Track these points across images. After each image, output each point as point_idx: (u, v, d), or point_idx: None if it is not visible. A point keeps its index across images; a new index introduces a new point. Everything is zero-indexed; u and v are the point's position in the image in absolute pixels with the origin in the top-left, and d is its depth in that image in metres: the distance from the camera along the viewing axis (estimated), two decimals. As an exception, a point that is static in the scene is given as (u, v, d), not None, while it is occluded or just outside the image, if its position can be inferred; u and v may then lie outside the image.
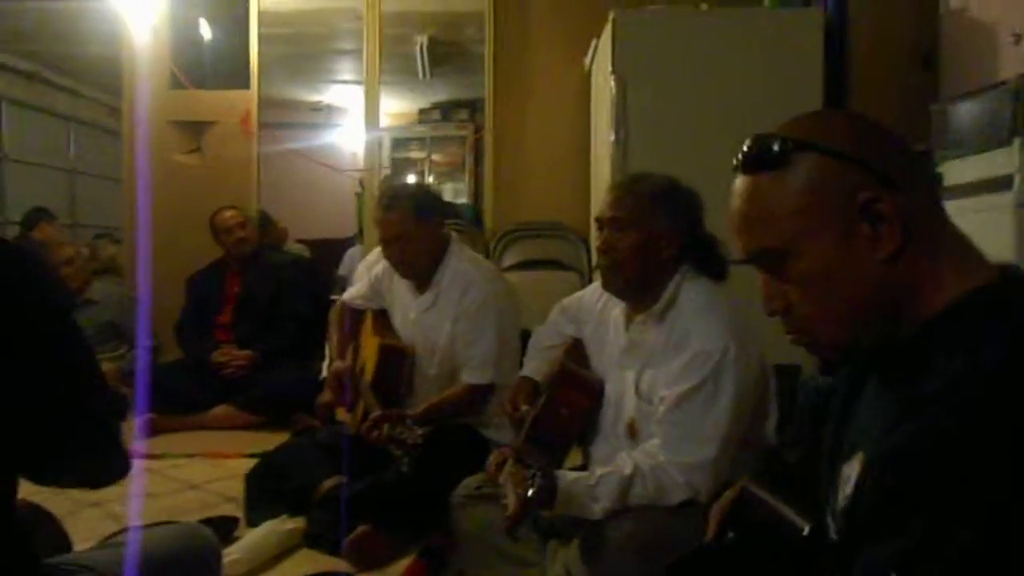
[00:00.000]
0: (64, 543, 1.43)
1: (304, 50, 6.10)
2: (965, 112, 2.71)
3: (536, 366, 2.06)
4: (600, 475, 1.64)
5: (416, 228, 2.42)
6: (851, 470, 0.87)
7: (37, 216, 5.14)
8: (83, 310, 4.07)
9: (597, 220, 1.82)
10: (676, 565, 1.08)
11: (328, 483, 2.41)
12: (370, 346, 2.60)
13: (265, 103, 4.90)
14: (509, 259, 4.38)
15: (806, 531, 1.00)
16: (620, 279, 1.76)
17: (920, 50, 3.19)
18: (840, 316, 0.87)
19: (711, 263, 1.76)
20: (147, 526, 1.44)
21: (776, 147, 0.87)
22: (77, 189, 7.21)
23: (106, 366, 3.87)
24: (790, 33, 3.28)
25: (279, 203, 5.99)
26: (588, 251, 4.30)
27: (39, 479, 1.12)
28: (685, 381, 1.63)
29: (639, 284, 1.75)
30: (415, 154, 8.61)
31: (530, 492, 1.43)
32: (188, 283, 4.12)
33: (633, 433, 1.75)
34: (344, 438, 2.52)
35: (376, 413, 2.22)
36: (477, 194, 7.42)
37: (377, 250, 2.92)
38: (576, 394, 1.86)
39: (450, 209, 4.71)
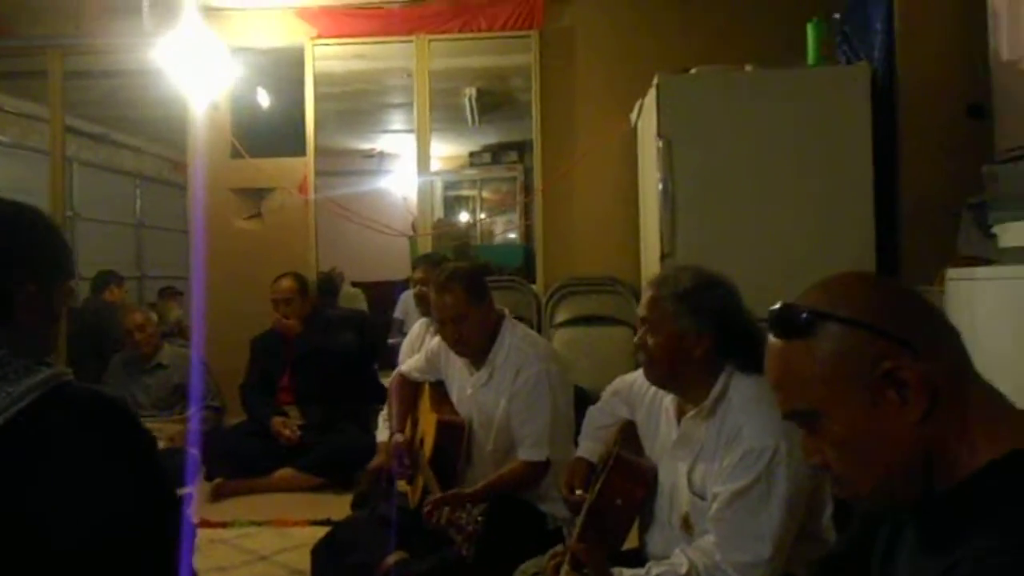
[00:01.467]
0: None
1: (357, 105, 6.29)
2: (1019, 173, 2.67)
3: (591, 447, 2.10)
4: (656, 574, 1.66)
5: (470, 309, 2.48)
6: None
7: (106, 279, 5.39)
8: (153, 374, 4.24)
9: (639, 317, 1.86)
10: None
11: (391, 559, 2.47)
12: (428, 421, 2.66)
13: (319, 153, 5.05)
14: (561, 315, 4.41)
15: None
16: (655, 376, 1.82)
17: (970, 101, 3.15)
18: (875, 475, 0.92)
19: (752, 358, 1.77)
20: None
21: (802, 317, 0.92)
22: (143, 242, 7.50)
23: (175, 428, 4.03)
24: (837, 90, 3.27)
25: (334, 248, 6.15)
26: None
27: None
28: (738, 479, 1.65)
29: (675, 381, 1.79)
30: (466, 192, 8.78)
31: (587, 603, 1.47)
32: (252, 345, 4.23)
33: (687, 528, 1.77)
34: (405, 513, 2.59)
35: (435, 496, 2.28)
36: (528, 232, 7.52)
37: (421, 321, 3.05)
38: (630, 484, 1.88)
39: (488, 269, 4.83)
